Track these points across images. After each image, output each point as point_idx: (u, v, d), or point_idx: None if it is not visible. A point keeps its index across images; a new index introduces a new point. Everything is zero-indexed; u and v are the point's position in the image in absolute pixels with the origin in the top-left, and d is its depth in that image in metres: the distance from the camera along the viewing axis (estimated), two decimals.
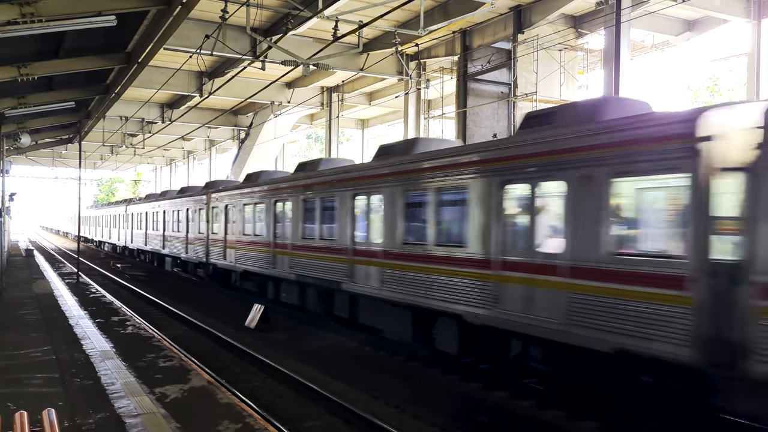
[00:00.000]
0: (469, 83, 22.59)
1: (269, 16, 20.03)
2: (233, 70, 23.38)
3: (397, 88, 28.38)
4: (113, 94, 19.22)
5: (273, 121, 32.80)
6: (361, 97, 31.54)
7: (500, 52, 22.01)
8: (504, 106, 22.16)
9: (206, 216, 22.44)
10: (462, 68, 22.67)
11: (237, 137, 40.50)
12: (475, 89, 22.63)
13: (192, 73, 25.86)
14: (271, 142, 34.77)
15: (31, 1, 9.74)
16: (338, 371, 11.87)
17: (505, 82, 22.25)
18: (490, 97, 22.43)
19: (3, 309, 13.93)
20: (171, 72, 23.33)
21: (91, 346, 10.20)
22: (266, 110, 33.09)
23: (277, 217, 17.50)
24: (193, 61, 21.29)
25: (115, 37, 14.36)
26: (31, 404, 6.91)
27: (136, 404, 7.06)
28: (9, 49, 13.28)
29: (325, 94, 31.39)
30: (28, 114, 21.54)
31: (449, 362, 11.73)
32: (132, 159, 56.34)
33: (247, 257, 19.26)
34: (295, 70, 21.28)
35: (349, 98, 31.14)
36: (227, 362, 12.50)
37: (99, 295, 17.87)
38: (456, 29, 21.82)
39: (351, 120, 37.58)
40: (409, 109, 26.16)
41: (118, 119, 34.08)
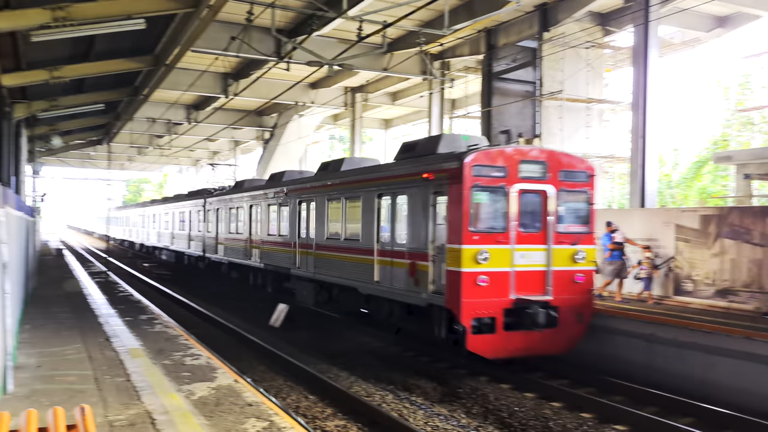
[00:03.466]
0: (494, 82, 22.46)
1: (293, 18, 20.15)
2: (258, 71, 23.55)
3: (421, 88, 28.34)
4: (141, 95, 19.53)
5: (297, 122, 33.00)
6: (384, 97, 31.56)
7: (525, 50, 21.84)
8: (529, 105, 21.99)
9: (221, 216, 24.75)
10: (487, 67, 22.55)
11: (261, 138, 40.79)
12: (500, 88, 22.49)
13: (217, 74, 26.12)
14: (295, 142, 34.97)
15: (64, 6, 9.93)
16: (364, 371, 11.89)
17: (531, 80, 22.07)
18: (515, 96, 22.28)
19: (36, 307, 14.19)
20: (197, 74, 23.60)
21: (120, 344, 10.35)
22: (290, 111, 33.30)
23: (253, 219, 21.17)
24: (218, 62, 21.53)
25: (143, 40, 14.61)
26: (65, 400, 7.04)
27: (166, 401, 7.15)
28: (41, 52, 13.59)
29: (348, 95, 31.46)
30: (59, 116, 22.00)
31: (478, 364, 11.70)
32: (158, 160, 57.10)
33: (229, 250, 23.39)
34: (320, 70, 21.40)
35: (373, 98, 31.18)
36: (252, 361, 12.61)
37: (127, 293, 18.12)
38: (481, 28, 21.70)
39: (374, 120, 37.62)
40: (432, 108, 26.10)
41: (145, 121, 34.55)
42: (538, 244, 11.31)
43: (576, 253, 11.54)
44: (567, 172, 11.64)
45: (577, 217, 11.84)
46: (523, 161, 11.29)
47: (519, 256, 11.07)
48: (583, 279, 11.63)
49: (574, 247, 11.54)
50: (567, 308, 11.34)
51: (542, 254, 11.30)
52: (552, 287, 11.25)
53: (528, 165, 11.33)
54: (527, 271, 11.14)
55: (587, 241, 11.81)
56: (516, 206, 11.09)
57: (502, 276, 10.89)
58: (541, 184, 11.37)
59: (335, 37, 21.90)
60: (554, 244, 11.36)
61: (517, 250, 11.05)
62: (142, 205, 45.14)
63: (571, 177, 11.68)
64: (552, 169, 11.44)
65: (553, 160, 11.56)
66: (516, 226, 11.09)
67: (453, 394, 10.60)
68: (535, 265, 11.24)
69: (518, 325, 10.92)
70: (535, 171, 11.36)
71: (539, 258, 11.28)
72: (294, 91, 26.07)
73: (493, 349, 10.94)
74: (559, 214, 11.51)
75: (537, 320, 10.78)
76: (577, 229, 11.73)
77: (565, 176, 11.58)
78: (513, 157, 11.24)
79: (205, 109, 32.77)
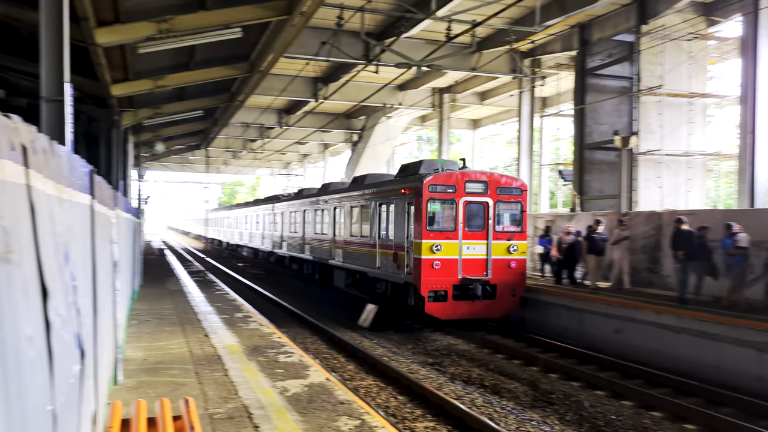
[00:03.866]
0: (588, 78, 21.71)
1: (382, 20, 20.32)
2: (347, 74, 23.92)
3: (510, 87, 27.84)
4: (237, 101, 20.28)
5: (385, 124, 33.22)
6: (473, 97, 31.24)
7: (622, 44, 20.99)
8: (626, 101, 21.10)
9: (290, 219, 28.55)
10: (580, 63, 21.84)
11: (350, 140, 41.42)
12: (595, 85, 21.72)
13: (308, 79, 26.75)
14: (382, 144, 35.25)
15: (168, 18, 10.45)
16: (453, 373, 11.79)
17: (627, 76, 21.19)
18: (610, 93, 21.44)
19: (142, 303, 15.05)
20: (288, 79, 24.27)
21: (218, 340, 10.76)
22: (378, 113, 33.60)
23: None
24: (309, 67, 22.06)
25: (239, 48, 15.17)
26: (169, 392, 7.39)
27: (261, 396, 7.36)
28: (147, 63, 14.39)
29: (436, 96, 31.38)
30: (162, 123, 23.25)
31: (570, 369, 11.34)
32: (252, 163, 59.25)
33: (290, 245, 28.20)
34: (408, 72, 21.46)
35: (461, 98, 30.94)
36: (342, 360, 12.78)
37: (223, 292, 18.86)
38: (574, 23, 21.06)
39: (462, 120, 37.31)
40: (522, 107, 25.57)
41: (239, 126, 35.90)
42: (480, 239, 15.33)
43: (510, 246, 15.50)
44: (503, 188, 15.60)
45: (512, 220, 15.74)
46: (468, 181, 15.31)
47: (465, 248, 15.17)
48: (516, 265, 15.56)
49: (509, 242, 15.50)
50: (503, 286, 15.38)
51: (483, 247, 15.34)
52: (491, 270, 15.27)
53: (472, 183, 15.34)
54: (472, 258, 15.23)
55: (520, 237, 15.70)
56: (462, 213, 15.18)
57: (452, 262, 15.02)
58: (482, 197, 15.39)
59: (423, 38, 21.90)
60: (493, 240, 15.35)
61: (464, 243, 15.17)
62: (228, 209, 50.48)
63: (507, 192, 15.63)
64: (491, 187, 15.46)
65: (491, 180, 15.62)
66: (463, 226, 15.17)
67: (545, 399, 10.31)
68: (478, 255, 15.29)
69: (464, 297, 15.04)
70: (478, 188, 15.39)
71: (481, 249, 15.33)
72: (382, 93, 26.30)
73: (444, 313, 14.99)
74: (497, 219, 15.42)
75: (476, 293, 15.02)
76: (512, 229, 15.66)
77: (501, 191, 15.54)
78: (460, 178, 15.25)
79: (295, 113, 33.65)
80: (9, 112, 2.16)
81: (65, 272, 3.14)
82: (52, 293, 2.65)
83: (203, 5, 11.32)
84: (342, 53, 19.33)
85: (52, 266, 2.73)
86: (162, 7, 11.10)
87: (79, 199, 4.15)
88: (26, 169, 2.39)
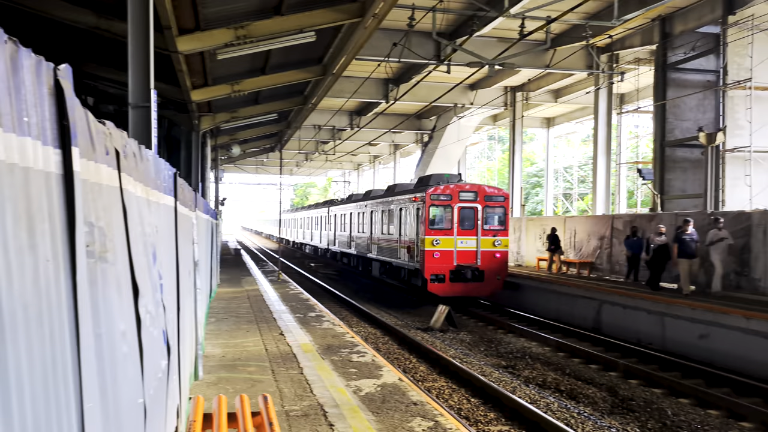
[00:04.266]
0: (669, 73, 20.81)
1: (453, 20, 20.19)
2: (418, 75, 23.89)
3: (586, 84, 27.06)
4: (310, 104, 20.64)
5: (456, 124, 32.97)
6: (546, 94, 30.57)
7: (706, 37, 20.00)
8: (711, 96, 20.10)
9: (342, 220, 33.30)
10: (661, 57, 20.96)
11: (420, 141, 41.38)
12: (676, 79, 20.79)
13: (379, 80, 26.91)
14: (453, 144, 35.02)
15: (245, 25, 10.75)
16: (528, 376, 11.56)
17: (713, 69, 20.18)
18: (694, 87, 20.48)
19: (219, 302, 15.56)
20: (360, 81, 24.49)
21: (292, 338, 10.97)
22: (449, 113, 33.39)
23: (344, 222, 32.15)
24: (380, 69, 22.16)
25: (312, 52, 15.43)
26: (246, 388, 7.59)
27: (335, 395, 7.44)
28: (224, 69, 14.86)
29: (509, 94, 30.90)
30: (238, 126, 23.97)
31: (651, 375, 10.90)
32: (323, 165, 60.18)
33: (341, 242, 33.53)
34: (479, 71, 21.20)
35: (534, 96, 30.34)
36: (414, 361, 12.76)
37: (297, 291, 19.23)
38: (654, 16, 20.23)
39: (535, 119, 36.56)
40: (599, 104, 24.80)
41: (312, 128, 36.54)
42: (471, 236, 19.71)
43: (495, 240, 19.84)
44: (489, 197, 20.00)
45: (496, 221, 20.08)
46: (461, 191, 19.83)
47: (459, 242, 19.57)
48: (500, 255, 19.86)
49: (494, 237, 19.87)
50: (489, 271, 19.66)
51: (474, 241, 19.71)
52: (480, 259, 19.63)
53: (465, 193, 19.84)
54: (465, 250, 19.59)
55: (503, 234, 20.16)
56: (457, 215, 19.64)
57: (448, 253, 19.41)
58: (473, 203, 19.79)
59: (496, 36, 21.61)
60: (481, 236, 19.73)
61: (458, 239, 19.57)
62: (294, 211, 56.64)
63: (492, 199, 20.04)
64: (480, 195, 19.92)
65: (480, 190, 20.16)
66: (457, 226, 19.60)
67: (625, 405, 9.95)
68: (470, 247, 19.64)
69: (458, 279, 19.41)
70: (469, 196, 19.83)
71: (472, 243, 19.69)
72: (453, 93, 26.12)
73: (443, 291, 19.28)
74: (484, 220, 19.78)
75: (467, 276, 19.46)
76: (496, 227, 20.03)
77: (488, 199, 19.94)
78: (455, 189, 19.82)
79: (366, 114, 33.93)
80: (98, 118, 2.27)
81: (153, 271, 3.27)
82: (142, 291, 2.76)
83: (279, 11, 11.58)
84: (413, 54, 19.33)
85: (141, 265, 2.85)
86: (239, 14, 11.43)
87: (165, 200, 4.32)
88: (119, 172, 2.50)
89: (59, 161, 1.75)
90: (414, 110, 35.28)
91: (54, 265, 1.66)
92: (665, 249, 15.71)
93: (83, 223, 1.89)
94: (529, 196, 49.04)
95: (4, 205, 1.36)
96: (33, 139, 1.56)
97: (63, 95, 1.78)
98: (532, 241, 24.44)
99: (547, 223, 23.90)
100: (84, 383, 1.82)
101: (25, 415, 1.42)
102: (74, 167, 1.81)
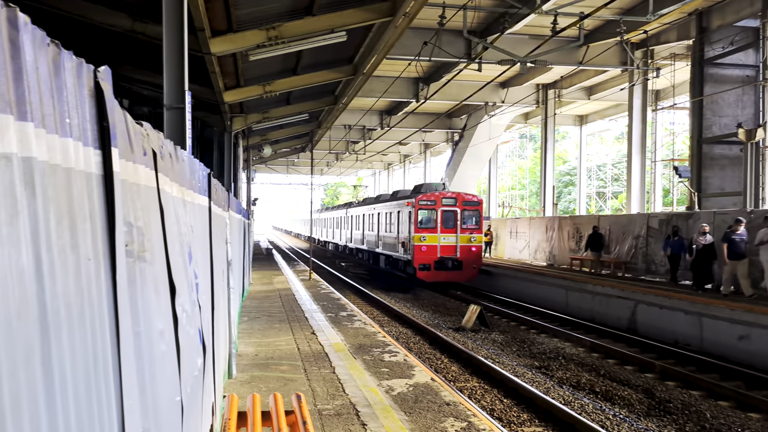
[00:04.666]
0: (707, 68, 20.33)
1: (484, 17, 20.03)
2: (448, 74, 23.78)
3: (620, 80, 26.61)
4: (341, 104, 20.70)
5: (487, 122, 32.73)
6: (579, 92, 30.13)
7: (745, 30, 19.48)
8: (750, 91, 19.58)
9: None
10: (698, 53, 20.49)
11: (451, 140, 41.20)
12: (714, 75, 20.30)
13: (409, 79, 26.85)
14: (484, 143, 34.78)
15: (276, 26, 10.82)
16: (561, 377, 11.42)
17: (752, 64, 19.65)
18: (732, 83, 19.97)
19: (251, 301, 15.71)
20: (390, 80, 24.47)
21: (324, 338, 11.01)
22: (480, 111, 33.17)
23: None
24: (410, 68, 22.11)
25: (343, 51, 15.47)
26: (279, 387, 7.65)
27: (368, 395, 7.44)
28: (256, 70, 15.00)
29: (540, 92, 30.55)
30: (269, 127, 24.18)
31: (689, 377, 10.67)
32: (354, 165, 60.34)
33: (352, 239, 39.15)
34: (511, 69, 21.02)
35: (567, 94, 29.93)
36: (446, 361, 12.71)
37: (328, 291, 19.31)
38: (691, 10, 19.78)
39: (568, 117, 36.07)
40: (634, 101, 24.35)
41: (342, 128, 36.66)
42: (452, 233, 24.14)
43: (471, 237, 24.28)
44: (466, 202, 24.47)
45: (474, 222, 24.54)
46: (443, 198, 24.31)
47: (442, 238, 24.00)
48: (475, 249, 24.29)
49: (470, 235, 24.31)
50: (466, 261, 24.10)
51: (454, 238, 24.12)
52: (459, 252, 24.06)
53: (446, 199, 24.28)
54: (447, 245, 24.01)
55: (478, 232, 24.55)
56: (440, 217, 24.10)
57: (433, 247, 23.89)
58: (453, 207, 24.25)
59: (527, 34, 21.38)
60: (460, 234, 24.17)
61: (441, 236, 24.03)
62: (320, 212, 60.38)
63: (469, 204, 24.55)
64: (459, 201, 24.41)
65: (459, 197, 24.61)
66: (441, 225, 24.04)
67: (662, 407, 9.74)
68: (450, 243, 24.04)
69: (441, 268, 23.88)
70: (450, 203, 24.31)
71: (452, 239, 24.08)
72: (484, 91, 25.93)
73: (429, 277, 23.91)
74: (462, 221, 24.25)
75: (448, 266, 23.93)
76: (472, 227, 24.45)
77: (465, 204, 24.43)
78: (439, 196, 24.37)
79: (396, 114, 33.91)
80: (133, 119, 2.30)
81: (189, 270, 3.31)
82: (179, 290, 2.79)
83: (310, 11, 11.64)
84: (444, 52, 19.24)
85: (178, 264, 2.88)
86: (271, 15, 11.52)
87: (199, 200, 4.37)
88: (156, 172, 2.53)
89: (99, 162, 1.77)
90: (444, 109, 35.13)
91: (95, 265, 1.69)
92: (711, 249, 15.12)
93: (122, 223, 1.92)
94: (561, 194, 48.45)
95: (47, 205, 1.38)
96: (74, 140, 1.58)
97: (102, 97, 1.80)
98: (565, 240, 24.13)
99: (580, 222, 23.57)
100: (124, 381, 1.85)
101: (68, 412, 1.44)
102: (114, 168, 1.83)
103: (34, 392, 1.27)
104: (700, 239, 15.39)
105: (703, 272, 15.47)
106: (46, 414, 1.32)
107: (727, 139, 20.03)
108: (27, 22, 1.32)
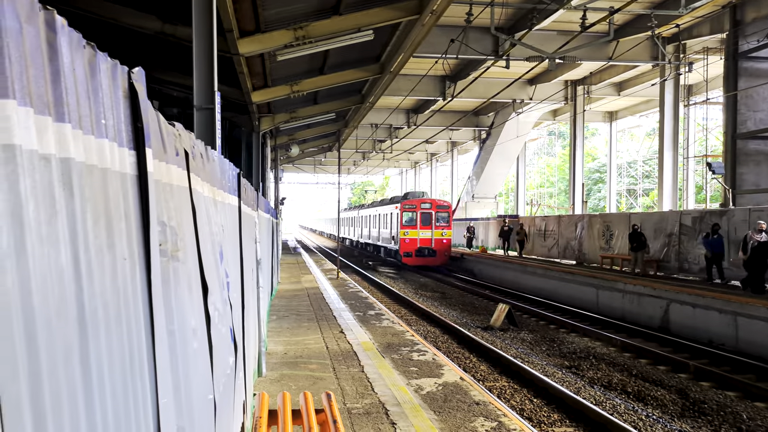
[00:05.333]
0: (741, 62, 19.87)
1: (512, 14, 19.86)
2: (475, 71, 23.63)
3: (650, 76, 26.18)
4: (368, 103, 20.71)
5: (514, 120, 32.48)
6: (609, 88, 29.73)
7: None
8: None
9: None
10: (731, 46, 20.04)
11: (478, 138, 40.97)
12: (749, 69, 19.83)
13: (436, 77, 26.76)
14: (512, 140, 34.51)
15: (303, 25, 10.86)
16: (592, 377, 11.26)
17: None
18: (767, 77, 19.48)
19: (280, 300, 15.82)
20: (417, 79, 24.43)
21: (352, 337, 11.04)
22: (507, 109, 32.93)
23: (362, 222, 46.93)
24: (437, 66, 22.04)
25: (369, 50, 15.46)
26: (308, 386, 7.68)
27: (397, 394, 7.43)
28: (284, 70, 15.08)
29: (569, 88, 30.19)
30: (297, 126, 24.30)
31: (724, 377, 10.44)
32: (381, 164, 60.40)
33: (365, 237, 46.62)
34: (539, 65, 20.80)
35: (596, 90, 29.53)
36: (474, 360, 12.63)
37: (356, 290, 19.35)
38: (724, 3, 19.36)
39: (597, 113, 35.63)
40: (665, 96, 23.92)
41: (369, 126, 36.71)
42: (428, 229, 31.88)
43: (443, 232, 31.96)
44: (439, 206, 32.36)
45: (445, 222, 32.12)
46: (422, 203, 32.30)
47: (421, 232, 31.83)
48: (446, 241, 32.05)
49: (442, 230, 31.97)
50: (439, 250, 31.93)
51: (430, 232, 31.86)
52: (434, 243, 31.86)
53: (424, 204, 32.29)
54: (424, 238, 31.88)
55: (448, 228, 32.10)
56: (419, 217, 32.00)
57: (414, 239, 31.87)
58: (429, 210, 32.10)
59: (556, 30, 21.13)
60: (435, 229, 31.85)
61: (420, 231, 31.87)
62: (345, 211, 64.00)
63: (441, 207, 32.40)
64: (433, 205, 32.32)
65: (434, 202, 32.58)
66: (420, 223, 31.90)
67: (696, 409, 9.55)
68: (427, 236, 31.84)
69: (420, 255, 31.78)
70: (427, 206, 32.22)
71: (429, 234, 31.86)
72: (511, 88, 25.73)
73: (412, 262, 31.78)
74: (436, 220, 31.89)
75: (425, 254, 31.81)
76: (443, 224, 32.04)
77: (438, 207, 32.31)
78: (418, 201, 32.40)
79: (423, 112, 33.83)
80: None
81: (220, 269, 3.33)
82: (211, 289, 2.82)
83: (337, 11, 11.66)
84: (471, 50, 19.12)
85: (210, 263, 2.90)
86: (299, 15, 11.57)
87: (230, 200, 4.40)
88: (188, 172, 2.55)
89: (134, 162, 1.79)
90: (472, 107, 34.94)
91: (130, 264, 1.70)
92: (766, 247, 14.44)
93: (156, 223, 1.93)
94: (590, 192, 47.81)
95: (85, 205, 1.40)
96: (110, 140, 1.60)
97: (137, 98, 1.82)
98: (595, 238, 23.81)
99: (610, 219, 23.23)
100: (159, 379, 1.86)
101: (106, 411, 1.46)
102: (148, 168, 1.85)
103: (73, 391, 1.29)
104: (756, 236, 14.51)
105: (761, 271, 14.63)
106: (84, 412, 1.34)
107: (762, 135, 19.56)
108: (64, 24, 1.34)
